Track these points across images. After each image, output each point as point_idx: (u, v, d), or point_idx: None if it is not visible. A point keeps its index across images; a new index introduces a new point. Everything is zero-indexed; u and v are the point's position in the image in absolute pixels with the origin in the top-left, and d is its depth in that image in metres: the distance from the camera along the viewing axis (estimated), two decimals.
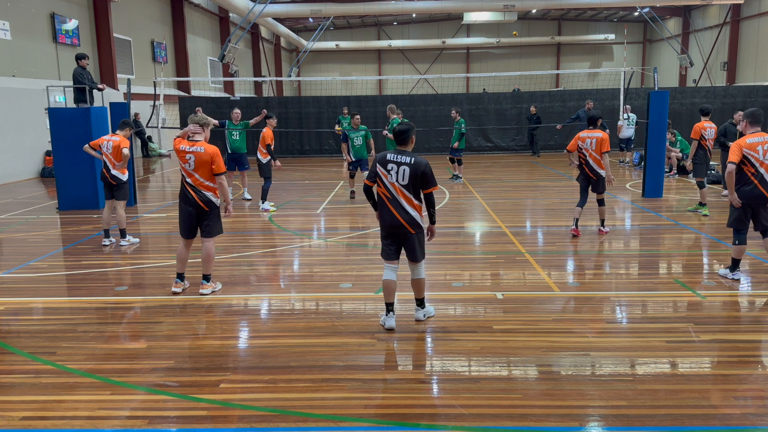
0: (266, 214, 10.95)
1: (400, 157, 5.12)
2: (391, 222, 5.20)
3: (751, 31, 31.10)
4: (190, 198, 6.19)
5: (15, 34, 16.53)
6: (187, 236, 6.34)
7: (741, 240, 6.49)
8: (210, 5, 30.95)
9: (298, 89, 43.98)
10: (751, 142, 6.27)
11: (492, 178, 15.69)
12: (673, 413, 3.80)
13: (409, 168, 5.07)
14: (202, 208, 6.20)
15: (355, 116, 11.91)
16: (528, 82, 35.00)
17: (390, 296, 5.31)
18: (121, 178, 8.59)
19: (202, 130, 6.22)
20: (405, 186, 5.12)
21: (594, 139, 8.45)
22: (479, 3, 29.49)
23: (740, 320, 5.52)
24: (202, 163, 6.09)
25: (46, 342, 5.15)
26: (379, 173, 5.20)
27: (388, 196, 5.19)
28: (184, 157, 6.13)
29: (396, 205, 5.16)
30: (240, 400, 4.07)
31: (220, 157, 6.21)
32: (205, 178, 6.14)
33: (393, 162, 5.13)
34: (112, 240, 8.68)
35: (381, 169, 5.19)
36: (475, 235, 9.36)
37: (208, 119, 6.39)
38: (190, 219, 6.26)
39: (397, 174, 5.11)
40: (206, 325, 5.53)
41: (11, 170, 16.20)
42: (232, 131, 12.14)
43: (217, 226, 6.34)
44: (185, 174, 6.18)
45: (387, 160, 5.16)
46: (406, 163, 5.08)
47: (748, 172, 6.31)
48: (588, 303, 5.97)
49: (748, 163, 6.29)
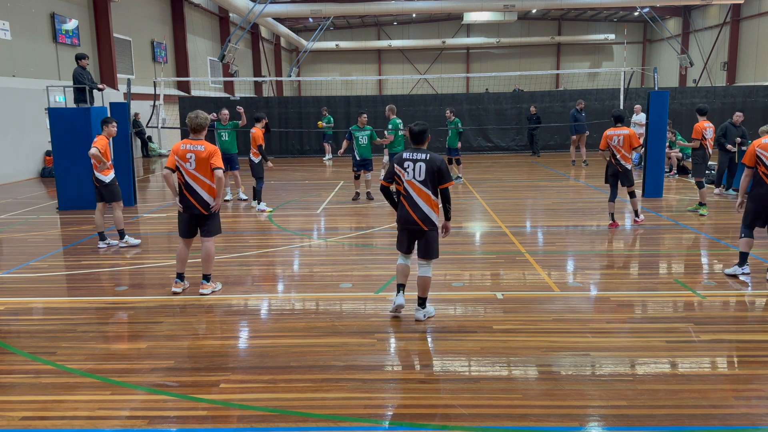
0: (263, 214, 10.94)
1: (416, 154, 5.31)
2: (405, 218, 5.38)
3: (751, 31, 31.10)
4: (189, 203, 6.20)
5: (15, 34, 16.53)
6: (185, 236, 6.36)
7: (747, 234, 6.63)
8: (210, 5, 30.94)
9: (298, 89, 43.97)
10: (766, 143, 6.46)
11: (492, 178, 15.69)
12: (673, 413, 3.81)
13: (425, 164, 5.25)
14: (200, 211, 6.21)
15: (362, 115, 11.86)
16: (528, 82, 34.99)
17: (402, 278, 5.55)
18: (103, 179, 8.43)
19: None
20: (422, 182, 5.27)
21: (621, 136, 8.93)
22: (479, 3, 29.49)
23: (740, 320, 5.52)
24: (201, 161, 6.11)
25: (46, 342, 5.15)
26: (397, 172, 5.38)
27: (405, 194, 5.37)
28: (185, 156, 6.13)
29: (411, 202, 5.32)
30: (240, 400, 4.07)
31: (220, 155, 6.24)
32: (205, 176, 6.14)
33: (409, 160, 5.30)
34: (109, 242, 8.60)
35: (398, 168, 5.36)
36: (475, 235, 9.36)
37: (207, 119, 6.37)
38: (189, 220, 6.29)
39: (414, 171, 5.28)
40: (206, 325, 5.53)
41: (11, 170, 16.20)
42: (221, 132, 12.07)
43: (216, 226, 6.36)
44: (185, 174, 6.17)
45: (404, 159, 5.34)
46: (423, 159, 5.26)
47: (761, 173, 6.45)
48: (588, 303, 5.97)
49: (762, 164, 6.45)
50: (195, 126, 6.19)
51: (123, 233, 8.60)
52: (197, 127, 6.20)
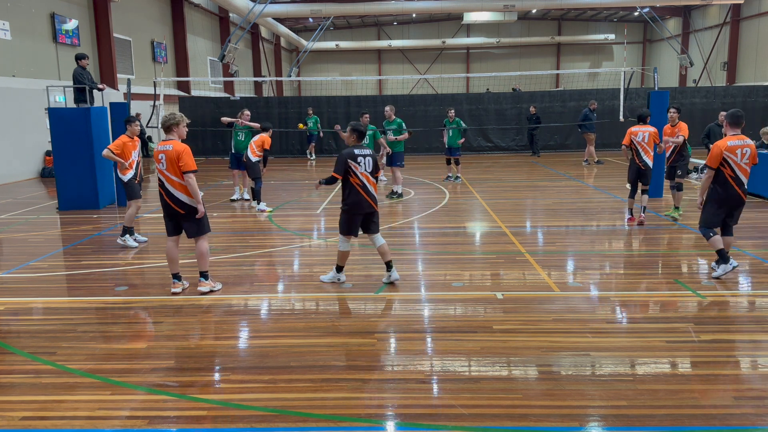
0: (263, 214, 10.94)
1: (364, 150, 6.37)
2: (362, 204, 6.33)
3: (751, 31, 31.11)
4: (165, 203, 6.25)
5: (15, 34, 16.54)
6: (170, 234, 6.37)
7: (713, 233, 6.61)
8: (210, 5, 30.94)
9: (298, 89, 43.97)
10: (731, 145, 6.41)
11: (492, 178, 15.69)
12: (673, 413, 3.80)
13: (372, 157, 6.39)
14: (176, 210, 6.22)
15: (364, 116, 11.89)
16: (528, 82, 35.00)
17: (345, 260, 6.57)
18: (122, 178, 8.65)
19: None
20: (371, 172, 6.36)
21: (647, 133, 9.18)
22: (479, 3, 29.49)
23: (740, 320, 5.52)
24: (170, 161, 6.10)
25: (46, 342, 5.14)
26: (350, 167, 6.25)
27: (361, 184, 6.30)
28: (158, 156, 6.16)
29: (366, 191, 6.33)
30: (240, 400, 4.07)
31: (190, 155, 6.12)
32: (176, 175, 6.12)
33: (361, 155, 6.31)
34: (136, 238, 8.68)
35: (352, 162, 6.26)
36: (475, 235, 9.36)
37: (177, 118, 6.27)
38: (170, 219, 6.32)
39: (365, 164, 6.31)
40: (206, 325, 5.53)
41: (11, 170, 16.20)
42: (238, 132, 12.18)
43: (200, 226, 6.31)
44: (160, 175, 6.20)
45: (356, 155, 6.29)
46: (369, 154, 6.38)
47: (726, 175, 6.45)
48: (588, 303, 5.97)
49: (727, 166, 6.43)
50: (162, 125, 6.24)
51: (126, 230, 8.57)
52: (164, 127, 6.23)
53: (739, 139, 6.46)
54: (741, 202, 6.54)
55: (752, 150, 6.46)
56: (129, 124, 8.66)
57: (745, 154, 6.42)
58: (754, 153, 6.48)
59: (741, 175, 6.44)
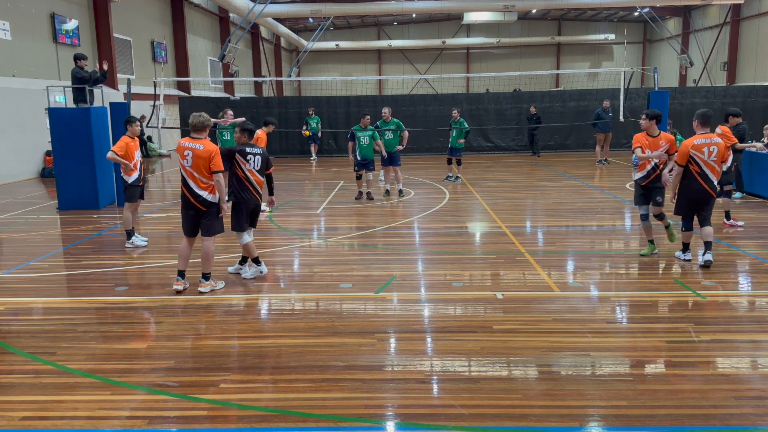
0: (263, 214, 10.92)
1: (254, 149, 6.78)
2: (250, 199, 6.77)
3: (751, 31, 31.10)
4: (187, 200, 6.28)
5: (15, 34, 16.53)
6: (189, 234, 6.43)
7: (687, 227, 7.17)
8: (210, 5, 30.94)
9: (298, 89, 43.97)
10: (698, 144, 6.82)
11: (492, 178, 15.69)
12: (673, 413, 3.80)
13: (261, 156, 6.80)
14: (199, 208, 6.28)
15: (365, 117, 11.86)
16: (528, 82, 34.98)
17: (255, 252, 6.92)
18: (125, 179, 8.59)
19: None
20: (258, 170, 6.80)
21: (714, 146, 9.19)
22: (479, 3, 29.49)
23: (740, 320, 5.52)
24: (200, 159, 6.13)
25: (46, 342, 5.15)
26: (238, 162, 6.64)
27: (246, 177, 6.70)
28: (183, 153, 6.17)
29: (253, 186, 6.77)
30: (240, 400, 4.07)
31: (219, 156, 6.27)
32: (203, 175, 6.18)
33: (251, 153, 6.74)
34: (138, 238, 8.64)
35: (241, 158, 6.65)
36: (475, 235, 9.36)
37: (210, 120, 6.42)
38: (189, 219, 6.36)
39: (254, 162, 6.74)
40: (206, 325, 5.53)
41: (11, 170, 16.20)
42: (223, 131, 12.07)
43: (216, 225, 6.41)
44: (183, 172, 6.24)
45: (246, 152, 6.70)
46: (259, 153, 6.79)
47: (693, 171, 6.88)
48: (588, 303, 5.97)
49: (694, 163, 6.84)
50: (195, 125, 6.26)
51: (129, 233, 8.58)
52: (197, 127, 6.25)
53: (706, 137, 6.84)
54: (709, 196, 6.92)
55: (719, 148, 6.83)
56: (129, 124, 8.64)
57: (712, 152, 6.81)
58: (722, 151, 6.85)
59: (708, 171, 6.82)
